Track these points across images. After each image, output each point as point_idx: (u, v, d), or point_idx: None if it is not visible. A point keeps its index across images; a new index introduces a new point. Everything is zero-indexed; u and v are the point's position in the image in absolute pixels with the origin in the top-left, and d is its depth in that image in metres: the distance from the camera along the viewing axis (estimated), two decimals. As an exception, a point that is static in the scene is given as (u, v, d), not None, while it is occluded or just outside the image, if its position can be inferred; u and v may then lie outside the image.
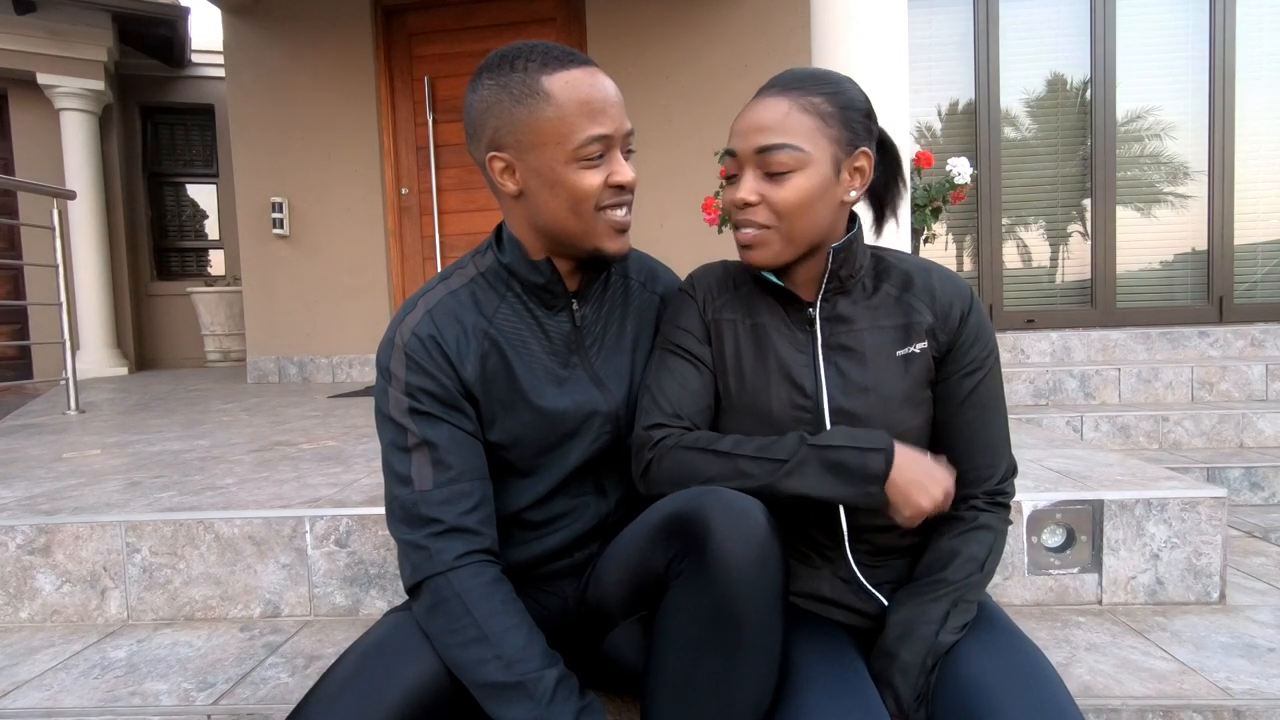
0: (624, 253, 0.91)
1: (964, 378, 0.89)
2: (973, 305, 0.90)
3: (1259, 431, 2.61)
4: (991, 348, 0.91)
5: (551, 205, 0.87)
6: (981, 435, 0.89)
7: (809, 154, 0.84)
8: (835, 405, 0.88)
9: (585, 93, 0.83)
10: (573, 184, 0.85)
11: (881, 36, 1.90)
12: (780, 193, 0.84)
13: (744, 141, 0.86)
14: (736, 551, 0.72)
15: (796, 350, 0.91)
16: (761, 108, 0.86)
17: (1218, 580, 1.33)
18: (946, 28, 3.81)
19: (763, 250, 0.87)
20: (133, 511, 1.43)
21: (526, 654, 0.78)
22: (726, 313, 0.95)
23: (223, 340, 5.94)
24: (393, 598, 1.37)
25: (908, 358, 0.89)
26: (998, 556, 0.88)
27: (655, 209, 3.98)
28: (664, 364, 0.94)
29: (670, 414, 0.90)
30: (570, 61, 0.85)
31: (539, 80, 0.83)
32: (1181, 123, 3.72)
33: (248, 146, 4.31)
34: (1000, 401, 0.91)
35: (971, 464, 0.89)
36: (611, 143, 0.86)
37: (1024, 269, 3.89)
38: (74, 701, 1.09)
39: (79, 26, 5.38)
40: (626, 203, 0.89)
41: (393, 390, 0.87)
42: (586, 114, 0.83)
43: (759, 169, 0.85)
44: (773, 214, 0.85)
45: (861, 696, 0.78)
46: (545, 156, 0.85)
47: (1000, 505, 0.90)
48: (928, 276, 0.91)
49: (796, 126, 0.84)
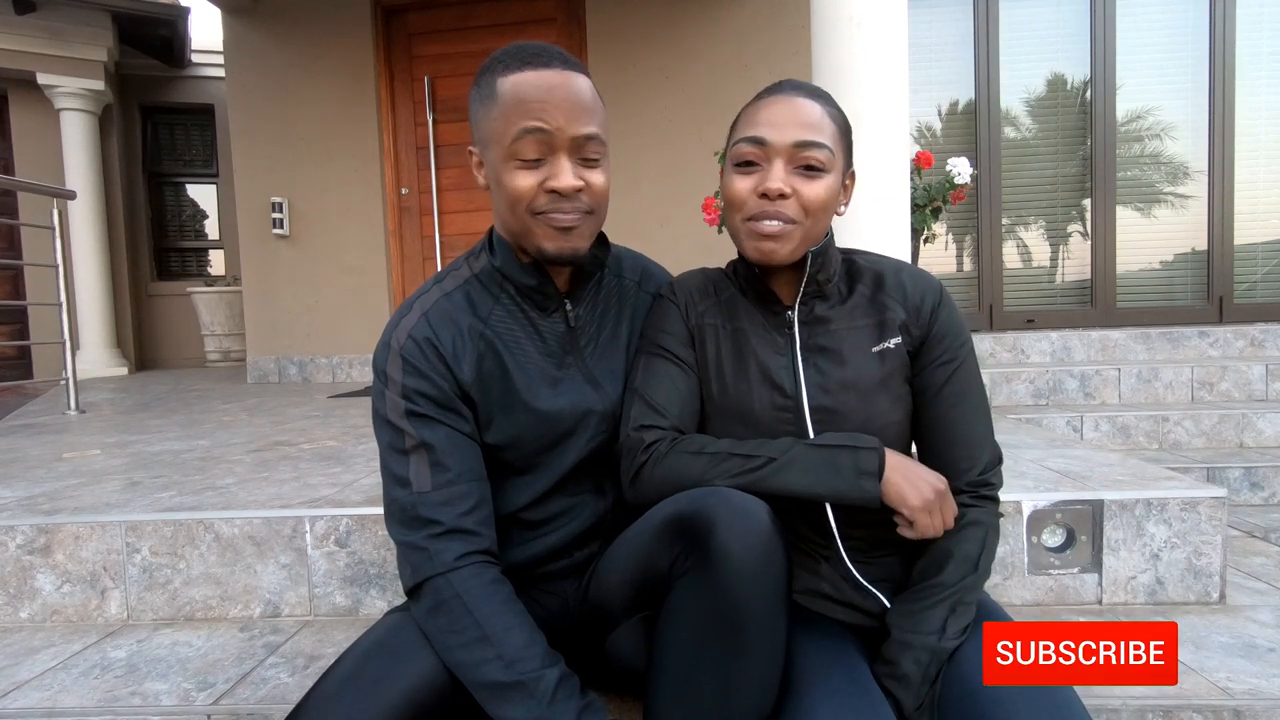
0: (568, 255, 0.88)
1: (938, 368, 0.91)
2: (943, 299, 0.93)
3: (1259, 431, 2.61)
4: (965, 339, 0.93)
5: (498, 203, 0.89)
6: (960, 426, 0.90)
7: (835, 159, 0.87)
8: (815, 404, 0.90)
9: (526, 91, 0.83)
10: (506, 183, 0.85)
11: (882, 36, 1.90)
12: (812, 188, 0.86)
13: (781, 134, 0.86)
14: (740, 551, 0.72)
15: (775, 353, 0.93)
16: (799, 105, 0.87)
17: (1218, 580, 1.33)
18: (946, 28, 3.81)
19: (784, 244, 0.87)
20: (133, 511, 1.43)
21: (527, 654, 0.78)
22: (708, 318, 0.97)
23: (223, 340, 5.94)
24: (393, 598, 1.36)
25: (883, 353, 0.91)
26: (992, 552, 0.88)
27: (655, 209, 3.97)
28: (651, 368, 0.94)
29: (660, 416, 0.90)
30: (531, 63, 0.84)
31: (495, 81, 0.85)
32: (1181, 123, 3.72)
33: (248, 146, 4.31)
34: (978, 393, 0.92)
35: (952, 455, 0.90)
36: (551, 144, 0.83)
37: (1024, 269, 3.89)
38: (74, 701, 1.09)
39: (79, 26, 5.37)
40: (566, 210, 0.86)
41: (389, 393, 0.87)
42: (521, 111, 0.83)
43: (791, 163, 0.86)
44: (801, 209, 0.86)
45: (866, 698, 0.77)
46: (491, 155, 0.87)
47: (987, 498, 0.90)
48: (898, 274, 0.94)
49: (828, 131, 0.87)
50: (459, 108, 4.20)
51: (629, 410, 0.92)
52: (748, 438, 0.89)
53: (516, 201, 0.85)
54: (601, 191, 0.88)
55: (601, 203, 0.89)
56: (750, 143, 0.88)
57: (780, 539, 0.76)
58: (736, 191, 0.89)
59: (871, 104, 1.89)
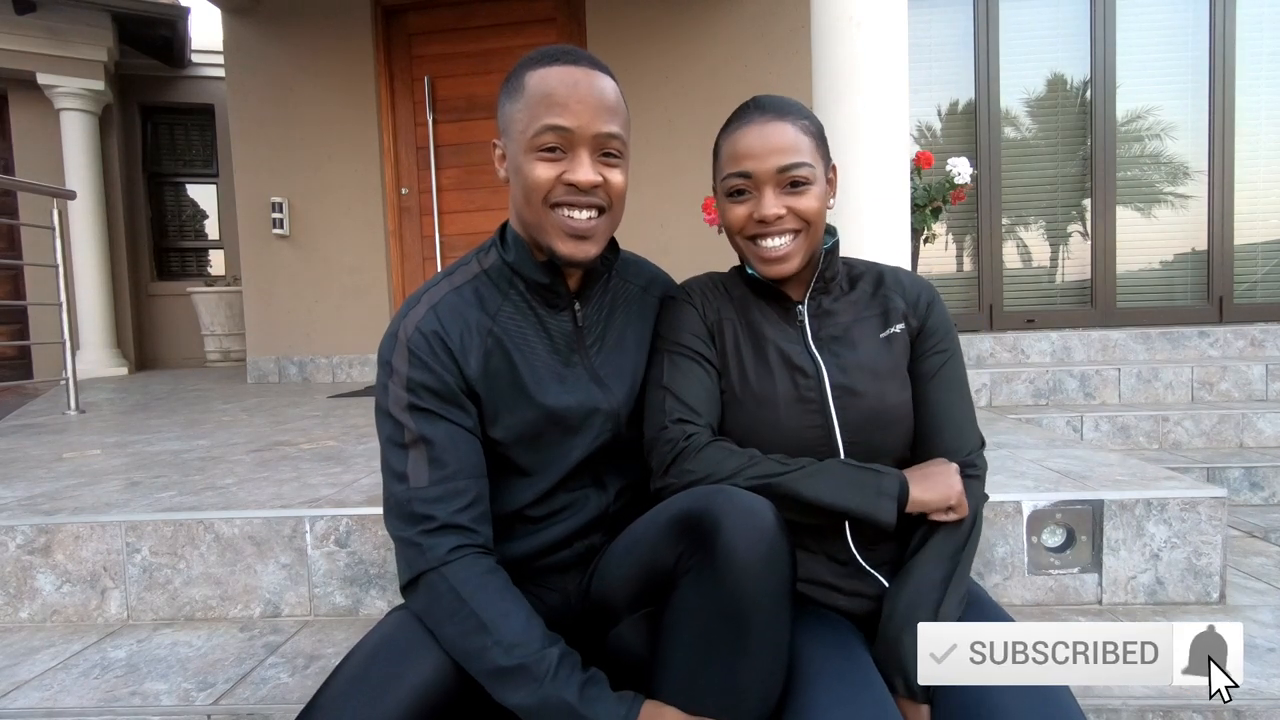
0: (579, 259, 0.90)
1: (933, 356, 0.99)
2: (936, 296, 1.03)
3: (1259, 431, 2.61)
4: (954, 335, 1.02)
5: (515, 194, 0.91)
6: (951, 410, 0.97)
7: (815, 169, 0.94)
8: (835, 381, 0.95)
9: (552, 86, 0.86)
10: (526, 173, 0.87)
11: (882, 36, 1.90)
12: (803, 202, 0.93)
13: (762, 164, 0.93)
14: (746, 550, 0.73)
15: (792, 342, 0.99)
16: (771, 131, 0.94)
17: (1218, 580, 1.33)
18: (946, 28, 3.81)
19: (793, 260, 0.95)
20: (133, 511, 1.43)
21: (526, 637, 0.78)
22: (724, 314, 1.02)
23: (223, 340, 5.93)
24: (393, 598, 1.36)
25: (890, 338, 0.99)
26: (979, 528, 0.93)
27: (655, 209, 3.97)
28: (676, 366, 0.97)
29: (694, 413, 0.94)
30: (559, 60, 0.88)
31: (524, 75, 0.88)
32: (1181, 123, 3.72)
33: (248, 146, 4.31)
34: (964, 384, 1.01)
35: (941, 438, 0.96)
36: (573, 139, 0.86)
37: (1024, 269, 3.89)
38: (74, 701, 1.09)
39: (79, 26, 5.37)
40: (582, 204, 0.88)
41: (393, 385, 0.87)
42: (546, 104, 0.86)
43: (778, 186, 0.93)
44: (800, 221, 0.94)
45: (871, 690, 0.79)
46: (513, 145, 0.89)
47: (974, 477, 0.95)
48: (895, 274, 1.04)
49: (804, 146, 0.94)
50: (459, 108, 4.20)
51: (659, 405, 0.95)
52: (771, 424, 0.94)
53: (534, 191, 0.87)
54: (619, 190, 0.90)
55: (617, 201, 0.91)
56: (737, 177, 0.95)
57: (785, 538, 0.76)
58: (734, 218, 0.97)
59: (871, 104, 1.89)
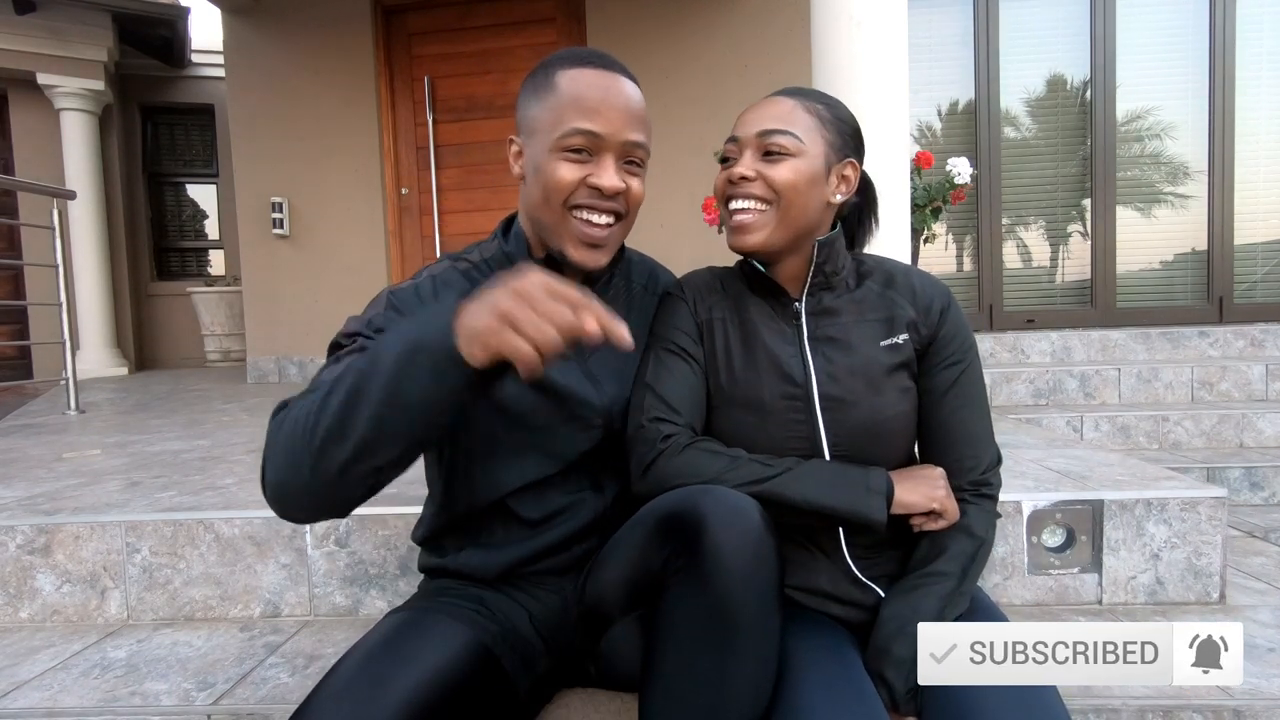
0: (589, 267, 0.91)
1: (946, 369, 0.94)
2: (951, 302, 0.96)
3: (1259, 431, 2.61)
4: (971, 343, 0.96)
5: (533, 193, 0.91)
6: (965, 426, 0.93)
7: (805, 145, 0.90)
8: (824, 391, 0.92)
9: (584, 89, 0.86)
10: (548, 172, 0.87)
11: (882, 36, 1.90)
12: (776, 171, 0.90)
13: (747, 128, 0.93)
14: (732, 550, 0.72)
15: (784, 343, 0.95)
16: (768, 103, 0.94)
17: (1218, 580, 1.33)
18: (946, 27, 3.81)
19: (756, 232, 0.91)
20: (133, 511, 1.43)
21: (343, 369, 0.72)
22: (716, 312, 0.99)
23: (223, 340, 5.93)
24: (393, 598, 1.37)
25: (891, 347, 0.93)
26: (989, 548, 0.91)
27: (655, 209, 3.95)
28: (662, 363, 0.96)
29: (674, 412, 0.92)
30: (592, 63, 0.88)
31: (555, 73, 0.88)
32: (1181, 123, 3.72)
33: (248, 146, 4.31)
34: (982, 396, 0.95)
35: (956, 454, 0.92)
36: (601, 144, 0.86)
37: (1024, 269, 3.89)
38: (74, 701, 1.09)
39: (79, 26, 5.37)
40: (602, 208, 0.89)
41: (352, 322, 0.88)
42: (577, 107, 0.86)
43: (758, 151, 0.91)
44: (769, 189, 0.90)
45: (859, 694, 0.78)
46: (537, 144, 0.89)
47: (987, 496, 0.92)
48: (908, 275, 0.98)
49: (798, 120, 0.91)
50: (459, 108, 4.20)
51: (639, 402, 0.93)
52: (757, 428, 0.92)
53: (555, 191, 0.87)
54: (638, 198, 0.92)
55: (634, 209, 0.93)
56: (729, 142, 0.95)
57: (772, 538, 0.76)
58: (716, 183, 0.96)
59: (871, 104, 1.89)
